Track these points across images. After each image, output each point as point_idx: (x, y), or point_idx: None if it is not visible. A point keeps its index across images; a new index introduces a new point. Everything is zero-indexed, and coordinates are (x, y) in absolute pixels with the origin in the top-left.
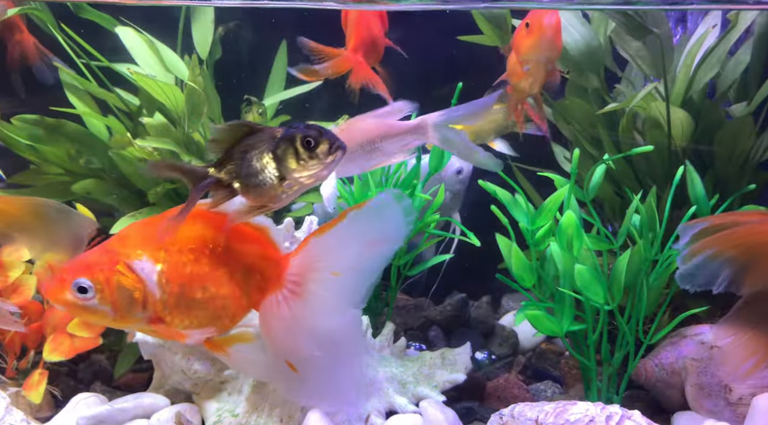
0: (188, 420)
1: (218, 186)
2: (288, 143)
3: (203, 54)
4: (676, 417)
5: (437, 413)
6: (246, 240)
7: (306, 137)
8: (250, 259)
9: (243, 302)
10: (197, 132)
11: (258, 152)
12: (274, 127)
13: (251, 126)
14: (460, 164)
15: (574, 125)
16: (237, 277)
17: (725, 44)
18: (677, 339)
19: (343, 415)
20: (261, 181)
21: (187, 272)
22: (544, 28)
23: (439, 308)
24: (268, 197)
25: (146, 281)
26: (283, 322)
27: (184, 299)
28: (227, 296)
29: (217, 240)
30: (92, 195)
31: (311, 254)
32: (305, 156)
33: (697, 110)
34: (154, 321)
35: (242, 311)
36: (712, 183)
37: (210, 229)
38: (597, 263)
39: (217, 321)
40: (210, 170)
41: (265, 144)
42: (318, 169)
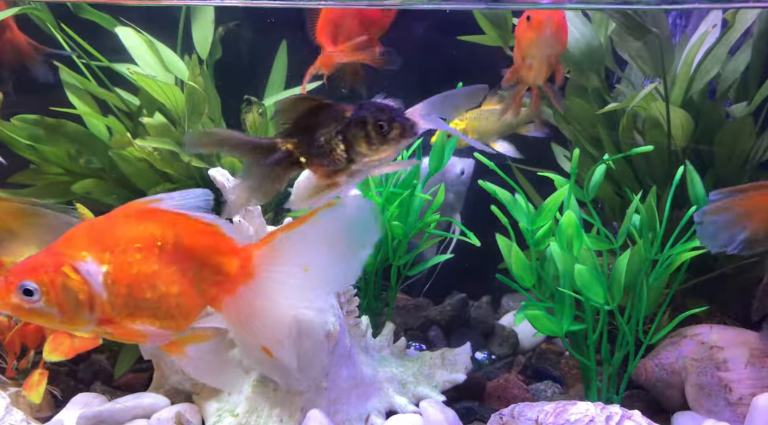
0: (188, 420)
1: (285, 160)
2: (359, 127)
3: (203, 54)
4: (676, 417)
5: (437, 413)
6: (197, 236)
7: (378, 121)
8: (202, 255)
9: (198, 299)
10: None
11: (327, 131)
12: (342, 104)
13: (317, 101)
14: (462, 166)
15: (574, 125)
16: (189, 274)
17: (725, 44)
18: (677, 339)
19: (343, 415)
20: (329, 162)
21: (134, 272)
22: (544, 23)
23: (439, 308)
24: (336, 177)
25: (91, 283)
26: (249, 312)
27: (132, 300)
28: (179, 294)
29: (165, 238)
30: (92, 195)
31: (279, 248)
32: (377, 141)
33: (697, 110)
34: (103, 322)
35: (197, 308)
36: (712, 183)
37: (157, 227)
38: (597, 263)
39: (171, 320)
40: (277, 142)
41: (334, 124)
42: (389, 153)
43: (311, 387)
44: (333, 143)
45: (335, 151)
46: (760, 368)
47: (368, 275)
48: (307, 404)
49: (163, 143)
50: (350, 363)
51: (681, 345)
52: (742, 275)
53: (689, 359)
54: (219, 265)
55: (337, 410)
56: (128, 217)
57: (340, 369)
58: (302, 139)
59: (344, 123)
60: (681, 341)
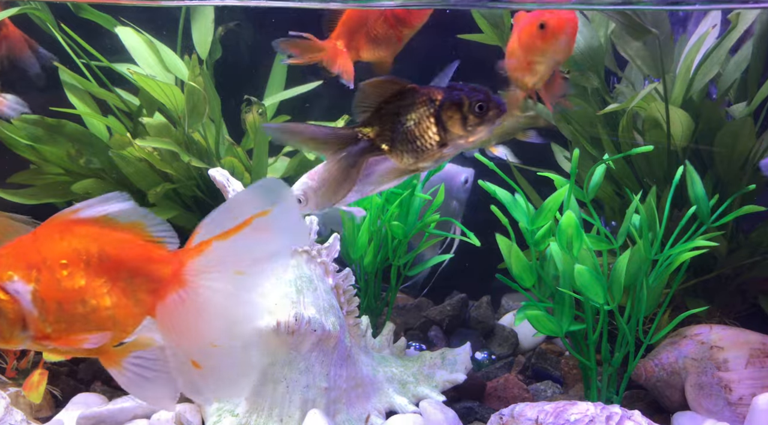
0: (188, 420)
1: (366, 149)
2: (455, 108)
3: (203, 54)
4: (676, 417)
5: (437, 413)
6: (124, 245)
7: (477, 102)
8: (132, 264)
9: (133, 309)
10: (197, 132)
11: (415, 115)
12: (428, 87)
13: (402, 85)
14: (465, 174)
15: (574, 125)
16: (121, 285)
17: (725, 44)
18: (677, 339)
19: (343, 415)
20: (419, 147)
21: (62, 288)
22: (560, 32)
23: (439, 308)
24: (423, 162)
25: (21, 302)
26: (183, 320)
27: (64, 315)
28: (111, 306)
29: (90, 251)
30: (92, 195)
31: (214, 256)
32: (473, 122)
33: (697, 110)
34: (39, 338)
35: (133, 318)
36: (712, 183)
37: (82, 240)
38: (597, 263)
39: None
40: (359, 131)
41: (424, 107)
42: (483, 134)
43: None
44: (423, 127)
45: (426, 135)
46: (760, 368)
47: (368, 275)
48: (306, 404)
49: (163, 143)
50: (350, 363)
51: (681, 345)
52: (742, 275)
53: (689, 359)
54: (151, 273)
55: (337, 410)
56: (52, 232)
57: (340, 369)
58: (386, 125)
59: (437, 106)
60: (681, 341)
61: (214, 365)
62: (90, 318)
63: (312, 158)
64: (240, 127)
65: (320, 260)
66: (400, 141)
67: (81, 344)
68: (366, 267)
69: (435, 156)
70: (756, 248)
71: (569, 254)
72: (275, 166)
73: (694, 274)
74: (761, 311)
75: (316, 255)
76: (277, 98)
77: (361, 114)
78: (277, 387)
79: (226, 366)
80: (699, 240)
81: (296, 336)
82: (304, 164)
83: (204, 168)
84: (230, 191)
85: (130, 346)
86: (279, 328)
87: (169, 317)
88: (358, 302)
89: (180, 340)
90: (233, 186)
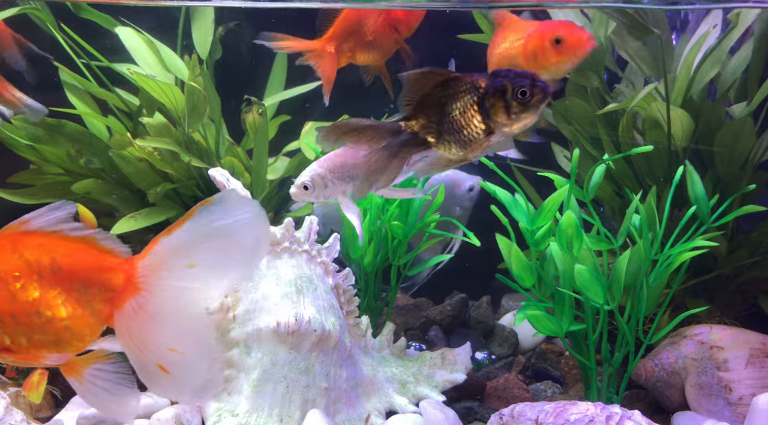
0: (188, 420)
1: (410, 142)
2: (498, 96)
3: (203, 54)
4: (676, 417)
5: (437, 413)
6: (75, 255)
7: (519, 87)
8: (85, 274)
9: (89, 319)
10: (197, 132)
11: (460, 105)
12: (471, 74)
13: (445, 75)
14: (471, 182)
15: (574, 125)
16: (75, 295)
17: (725, 44)
18: (677, 339)
19: (343, 415)
20: (465, 137)
21: (16, 301)
22: (576, 53)
23: (439, 308)
24: (471, 152)
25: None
26: (143, 326)
27: (21, 328)
28: (67, 317)
29: (42, 262)
30: (92, 195)
31: (162, 253)
32: (517, 109)
33: (697, 110)
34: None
35: (91, 328)
36: (712, 183)
37: (33, 252)
38: (597, 263)
39: (66, 344)
40: (404, 124)
41: (468, 96)
42: (529, 119)
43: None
44: (468, 116)
45: (471, 125)
46: (760, 368)
47: (368, 275)
48: (306, 404)
49: (163, 143)
50: (350, 363)
51: (681, 345)
52: (742, 275)
53: (689, 359)
54: (105, 282)
55: (337, 410)
56: (3, 245)
57: (340, 369)
58: (430, 117)
59: (480, 94)
60: (681, 341)
61: (181, 367)
62: (46, 329)
63: (312, 158)
64: (240, 127)
65: (320, 260)
66: (446, 132)
67: (42, 360)
68: (366, 267)
69: (482, 145)
70: (756, 248)
71: (569, 254)
72: (275, 166)
73: (694, 274)
74: (761, 311)
75: (316, 255)
76: (277, 98)
77: (405, 107)
78: (277, 387)
79: (193, 366)
80: (699, 240)
81: (296, 336)
82: (304, 163)
83: (204, 168)
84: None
85: (91, 357)
86: (279, 328)
87: (127, 325)
88: (358, 302)
89: (141, 346)
90: (233, 186)
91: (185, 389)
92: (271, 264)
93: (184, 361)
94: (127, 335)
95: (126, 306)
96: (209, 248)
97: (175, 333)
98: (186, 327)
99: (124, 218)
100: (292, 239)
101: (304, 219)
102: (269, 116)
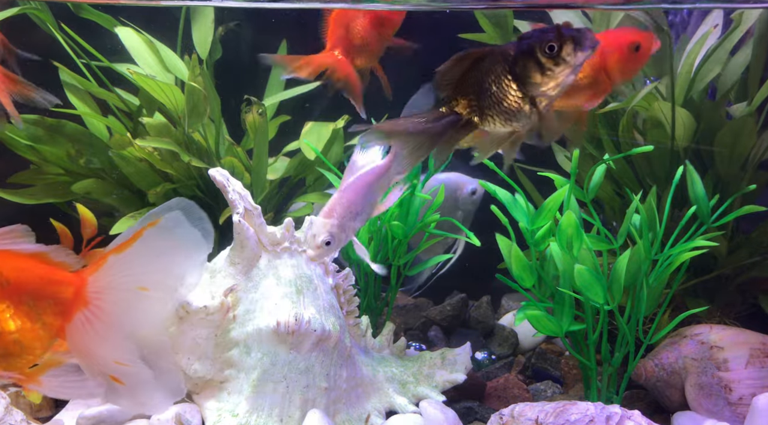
0: (188, 420)
1: (455, 124)
2: (526, 56)
3: (203, 54)
4: (676, 417)
5: (437, 413)
6: (24, 269)
7: (547, 42)
8: (34, 288)
9: (39, 332)
10: (197, 132)
11: (493, 77)
12: (500, 45)
13: (475, 53)
14: (474, 185)
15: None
16: (24, 309)
17: (726, 44)
18: (677, 339)
19: (343, 415)
20: (506, 108)
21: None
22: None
23: (439, 308)
24: (517, 123)
25: None
26: (91, 339)
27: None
28: (16, 330)
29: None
30: (92, 195)
31: (111, 269)
32: (550, 65)
33: (697, 109)
34: None
35: (41, 341)
36: (712, 183)
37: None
38: (597, 263)
39: (17, 358)
40: (443, 109)
41: (499, 66)
42: (567, 73)
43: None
44: (503, 86)
45: (509, 94)
46: (760, 368)
47: (368, 275)
48: (306, 404)
49: (163, 143)
50: (350, 363)
51: (681, 345)
52: (742, 275)
53: (689, 359)
54: (55, 295)
55: (337, 410)
56: None
57: (340, 369)
58: (469, 96)
59: (509, 61)
60: (681, 341)
61: (134, 378)
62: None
63: (312, 158)
64: (240, 127)
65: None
66: (486, 108)
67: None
68: (366, 267)
69: (530, 114)
70: (756, 248)
71: (569, 254)
72: (275, 166)
73: (694, 274)
74: (761, 311)
75: None
76: (277, 98)
77: (442, 95)
78: (277, 387)
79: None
80: (699, 240)
81: (296, 336)
82: (304, 163)
83: (204, 168)
84: (230, 191)
85: (43, 366)
86: (279, 328)
87: (77, 338)
88: (358, 302)
89: (92, 358)
90: (233, 186)
91: (141, 399)
92: (271, 264)
93: (135, 372)
94: (78, 347)
95: (76, 319)
96: (155, 266)
97: (123, 346)
98: (135, 339)
99: (124, 218)
100: (292, 239)
101: (304, 219)
102: (269, 116)
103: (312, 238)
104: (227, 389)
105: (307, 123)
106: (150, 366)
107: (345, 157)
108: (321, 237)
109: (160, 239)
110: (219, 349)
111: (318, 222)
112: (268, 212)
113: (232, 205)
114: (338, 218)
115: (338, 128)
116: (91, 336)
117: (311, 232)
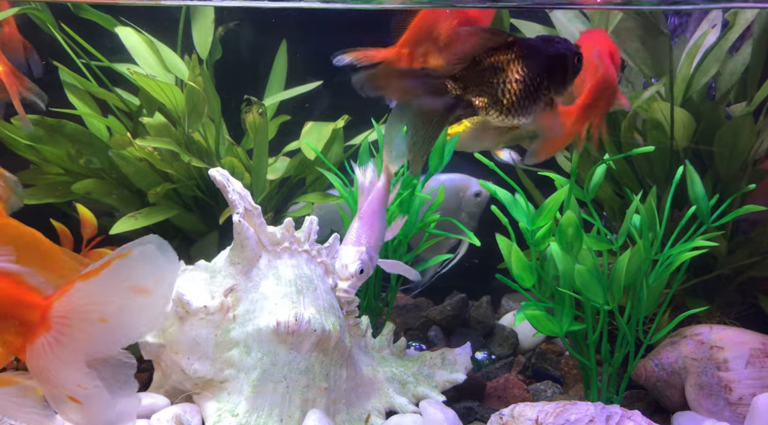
0: (188, 420)
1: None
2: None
3: (203, 54)
4: (676, 417)
5: (437, 413)
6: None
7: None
8: (1, 308)
9: (1, 350)
10: (197, 132)
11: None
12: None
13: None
14: (478, 188)
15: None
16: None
17: (723, 44)
18: (677, 339)
19: (343, 415)
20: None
21: None
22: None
23: (439, 308)
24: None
25: None
26: (51, 363)
27: None
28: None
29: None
30: (92, 195)
31: (76, 297)
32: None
33: (696, 110)
34: None
35: (1, 359)
36: (712, 183)
37: None
38: (597, 264)
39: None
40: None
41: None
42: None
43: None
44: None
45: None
46: (760, 368)
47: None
48: (306, 404)
49: (163, 143)
50: (350, 363)
51: (681, 345)
52: (742, 275)
53: (689, 359)
54: (20, 316)
55: (337, 410)
56: None
57: (340, 369)
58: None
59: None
60: (681, 341)
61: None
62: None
63: (312, 158)
64: (240, 127)
65: (320, 260)
66: (500, 98)
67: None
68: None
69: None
70: (756, 248)
71: (569, 254)
72: (275, 166)
73: (694, 274)
74: (761, 311)
75: (316, 255)
76: (277, 98)
77: (453, 66)
78: (277, 387)
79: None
80: (699, 240)
81: (296, 336)
82: (304, 163)
83: (204, 168)
84: (230, 191)
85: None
86: (279, 328)
87: (37, 359)
88: (358, 302)
89: (51, 379)
90: (233, 186)
91: (96, 420)
92: (271, 264)
93: (93, 395)
94: (38, 368)
95: (38, 343)
96: (121, 297)
97: (83, 371)
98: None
99: (124, 218)
100: (292, 239)
101: (304, 219)
102: (269, 116)
103: (343, 268)
104: (227, 389)
105: (307, 123)
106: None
107: (345, 157)
108: (355, 266)
109: (129, 271)
110: (219, 349)
111: (349, 251)
112: (268, 212)
113: (232, 205)
114: (366, 244)
115: (338, 127)
116: (51, 359)
117: (341, 262)
